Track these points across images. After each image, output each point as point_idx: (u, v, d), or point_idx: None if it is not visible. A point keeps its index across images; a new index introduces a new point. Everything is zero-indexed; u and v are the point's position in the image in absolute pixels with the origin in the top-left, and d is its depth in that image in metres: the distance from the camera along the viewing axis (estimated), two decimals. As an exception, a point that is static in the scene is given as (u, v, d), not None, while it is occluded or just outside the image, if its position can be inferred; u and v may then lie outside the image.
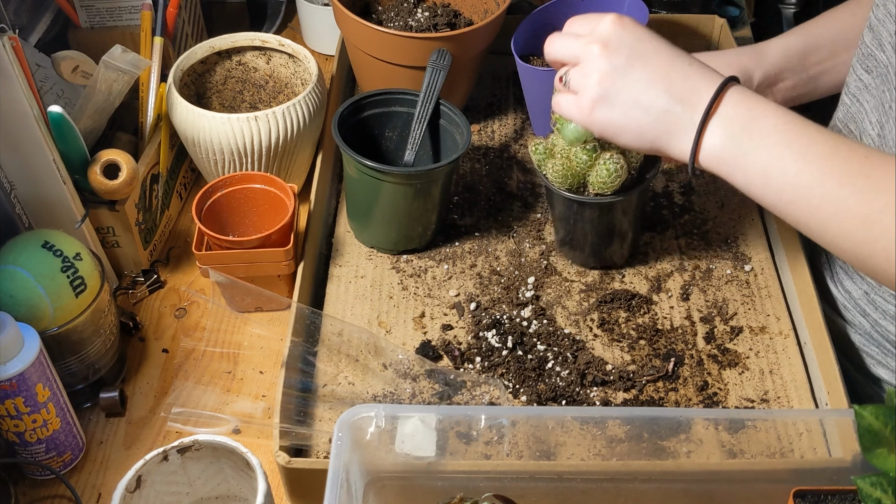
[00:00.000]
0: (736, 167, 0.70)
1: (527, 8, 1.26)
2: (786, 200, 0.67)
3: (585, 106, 0.73)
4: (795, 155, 0.66)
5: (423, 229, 0.98)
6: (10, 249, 0.80)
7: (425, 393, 0.86)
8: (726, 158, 0.70)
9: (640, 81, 0.71)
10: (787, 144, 0.67)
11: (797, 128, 0.67)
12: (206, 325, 0.96)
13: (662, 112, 0.71)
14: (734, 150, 0.69)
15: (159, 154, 1.00)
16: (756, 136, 0.68)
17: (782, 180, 0.67)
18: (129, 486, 0.68)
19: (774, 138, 0.67)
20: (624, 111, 0.72)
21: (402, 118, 1.00)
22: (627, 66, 0.71)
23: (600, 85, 0.72)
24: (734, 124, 0.69)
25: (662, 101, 0.70)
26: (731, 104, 0.69)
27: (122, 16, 1.09)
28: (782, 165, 0.67)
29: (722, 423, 0.74)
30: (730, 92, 0.69)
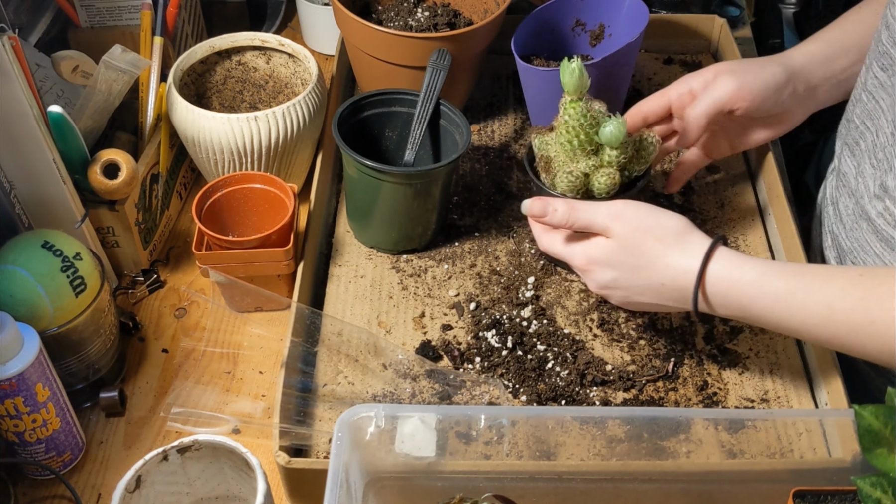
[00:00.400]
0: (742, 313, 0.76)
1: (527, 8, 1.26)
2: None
3: (620, 302, 0.83)
4: (798, 325, 0.73)
5: (423, 229, 0.98)
6: (10, 249, 0.80)
7: (425, 393, 0.86)
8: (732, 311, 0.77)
9: (646, 305, 0.81)
10: (785, 320, 0.73)
11: (788, 305, 0.72)
12: (205, 324, 0.96)
13: (677, 308, 0.79)
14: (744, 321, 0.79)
15: (159, 154, 1.00)
16: (757, 318, 0.75)
17: (800, 337, 0.79)
18: (129, 486, 0.68)
19: (770, 319, 0.74)
20: (642, 307, 0.82)
21: (402, 118, 1.00)
22: (631, 302, 0.81)
23: (623, 303, 0.82)
24: (733, 315, 0.77)
25: (671, 307, 0.79)
26: (718, 304, 0.76)
27: (122, 15, 1.09)
28: (792, 331, 0.74)
29: (722, 423, 0.74)
30: (709, 298, 0.76)
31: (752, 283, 0.73)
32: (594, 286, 0.81)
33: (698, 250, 0.76)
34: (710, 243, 0.76)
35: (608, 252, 0.79)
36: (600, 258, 0.79)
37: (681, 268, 0.76)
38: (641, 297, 0.79)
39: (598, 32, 1.11)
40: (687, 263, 0.76)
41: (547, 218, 0.81)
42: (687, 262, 0.76)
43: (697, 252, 0.76)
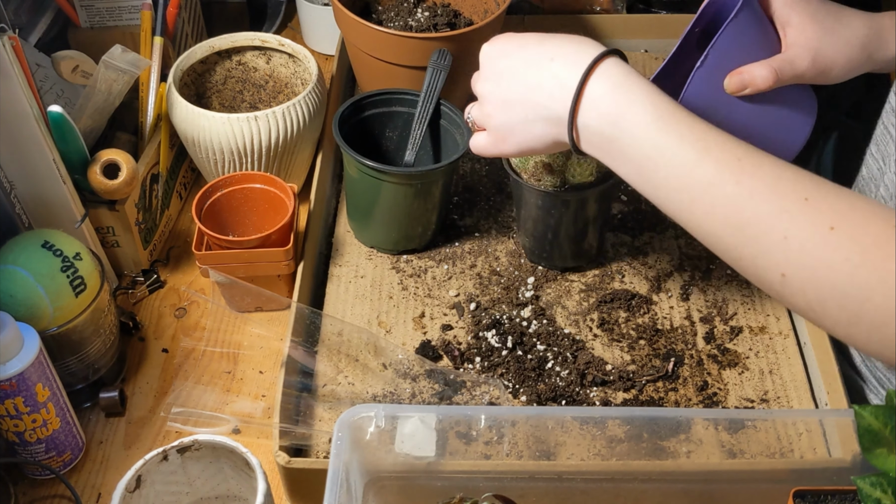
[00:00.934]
0: (615, 165, 0.67)
1: (527, 8, 1.26)
2: (662, 198, 0.65)
3: (497, 143, 0.74)
4: (664, 158, 0.63)
5: (423, 229, 0.98)
6: (10, 249, 0.80)
7: (425, 393, 0.86)
8: (605, 157, 0.67)
9: (517, 101, 0.70)
10: (653, 147, 0.63)
11: (667, 125, 0.63)
12: (205, 324, 0.96)
13: (545, 119, 0.69)
14: (608, 152, 0.67)
15: (159, 154, 1.00)
16: (625, 139, 0.65)
17: (653, 183, 0.65)
18: (129, 486, 0.68)
19: (641, 140, 0.64)
20: (524, 132, 0.71)
21: (402, 118, 1.00)
22: (504, 91, 0.71)
23: (494, 119, 0.73)
24: (600, 127, 0.66)
25: (541, 110, 0.69)
26: (594, 101, 0.66)
27: (122, 15, 1.09)
28: (652, 169, 0.64)
29: (722, 423, 0.74)
30: (593, 82, 0.66)
31: (641, 89, 0.64)
32: (486, 75, 0.73)
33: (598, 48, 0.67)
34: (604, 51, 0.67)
35: (487, 62, 0.73)
36: (483, 69, 0.73)
37: (581, 49, 0.67)
38: (523, 111, 0.70)
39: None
40: (589, 48, 0.67)
41: None
42: (589, 48, 0.67)
43: (599, 47, 0.67)
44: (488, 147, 0.75)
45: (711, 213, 0.61)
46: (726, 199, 0.60)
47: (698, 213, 0.62)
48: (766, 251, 0.59)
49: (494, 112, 0.72)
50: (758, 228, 0.59)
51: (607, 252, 1.00)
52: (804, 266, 0.57)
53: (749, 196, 0.59)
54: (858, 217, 0.56)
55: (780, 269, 0.58)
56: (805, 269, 0.57)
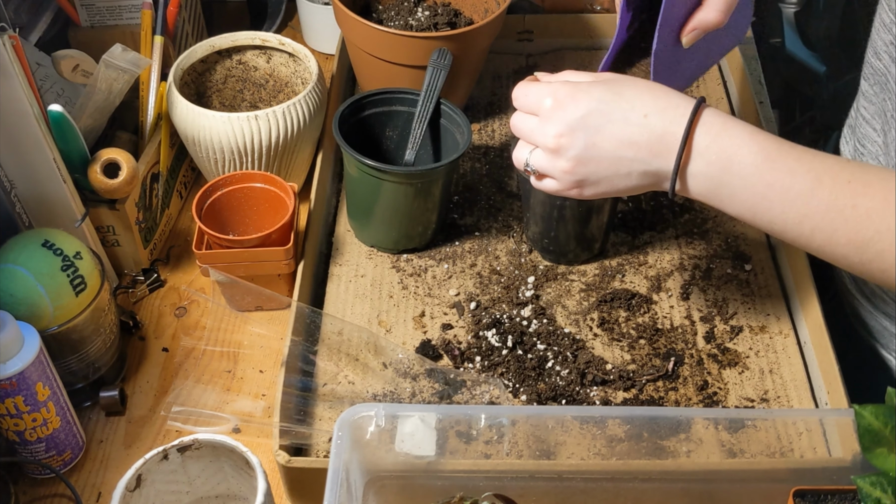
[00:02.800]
0: (723, 206, 0.68)
1: (527, 7, 1.26)
2: (778, 231, 0.67)
3: (571, 191, 0.72)
4: (778, 195, 0.65)
5: (424, 229, 0.98)
6: (10, 248, 0.80)
7: (425, 392, 0.86)
8: (712, 200, 0.68)
9: (607, 158, 0.69)
10: (767, 185, 0.65)
11: (776, 163, 0.65)
12: (206, 324, 0.96)
13: (643, 174, 0.69)
14: (716, 196, 0.68)
15: (159, 153, 1.00)
16: (735, 182, 0.66)
17: (769, 217, 0.66)
18: (129, 485, 0.68)
19: (753, 181, 0.65)
20: (610, 184, 0.71)
21: (402, 117, 1.00)
22: (588, 150, 0.69)
23: (573, 174, 0.71)
24: (709, 174, 0.67)
25: (638, 165, 0.69)
26: (702, 150, 0.67)
27: (123, 14, 1.09)
28: (766, 206, 0.66)
29: (722, 423, 0.74)
30: (699, 133, 0.66)
31: (742, 132, 0.66)
32: (557, 128, 0.69)
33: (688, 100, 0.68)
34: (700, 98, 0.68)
35: (567, 116, 0.69)
36: (580, 86, 0.69)
37: (671, 101, 0.67)
38: (616, 164, 0.69)
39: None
40: (678, 100, 0.67)
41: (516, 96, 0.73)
42: (678, 100, 0.67)
43: (687, 99, 0.68)
44: (560, 193, 0.73)
45: (833, 238, 0.64)
46: (846, 222, 0.63)
47: (820, 240, 0.65)
48: (893, 264, 0.62)
49: (574, 168, 0.70)
50: (881, 244, 0.62)
51: (608, 251, 1.00)
52: None
53: (867, 216, 0.62)
54: None
55: None
56: None
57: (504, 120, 1.16)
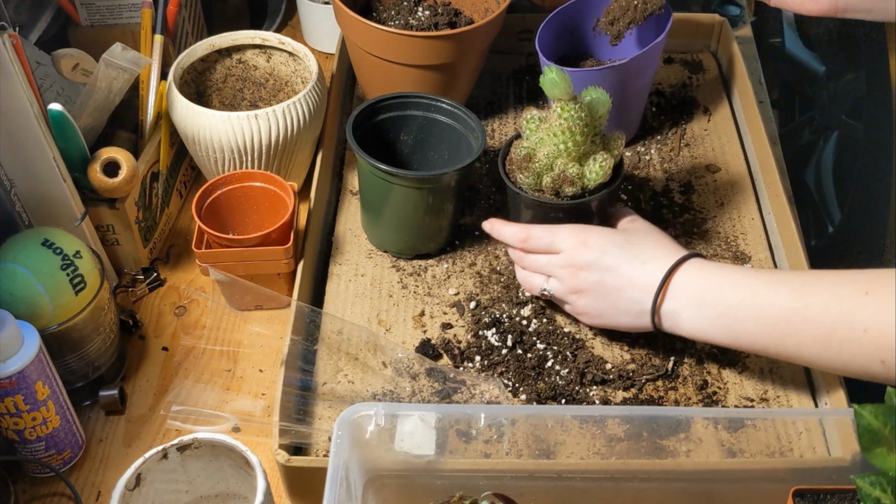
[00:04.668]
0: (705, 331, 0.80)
1: (527, 7, 1.26)
2: (750, 351, 0.80)
3: (580, 317, 0.88)
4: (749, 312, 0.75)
5: (437, 234, 0.97)
6: (10, 247, 0.80)
7: (425, 391, 0.86)
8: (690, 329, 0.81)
9: (610, 308, 0.84)
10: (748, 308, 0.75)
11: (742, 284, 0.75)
12: (205, 323, 0.96)
13: (637, 313, 0.82)
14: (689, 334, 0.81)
15: (159, 152, 1.00)
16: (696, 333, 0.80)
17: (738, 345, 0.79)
18: (129, 484, 0.68)
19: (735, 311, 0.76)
20: (613, 320, 0.85)
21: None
22: (598, 301, 0.84)
23: (586, 313, 0.86)
24: (673, 323, 0.81)
25: (635, 305, 0.82)
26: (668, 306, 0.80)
27: (123, 14, 1.09)
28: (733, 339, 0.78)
29: (721, 423, 0.74)
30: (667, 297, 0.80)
31: (719, 274, 0.79)
32: (579, 261, 0.84)
33: (672, 254, 0.81)
34: (685, 254, 0.81)
35: (585, 273, 0.84)
36: (600, 237, 0.84)
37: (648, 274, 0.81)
38: (619, 312, 0.84)
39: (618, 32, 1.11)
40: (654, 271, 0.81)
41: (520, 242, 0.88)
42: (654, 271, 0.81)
43: (671, 254, 0.81)
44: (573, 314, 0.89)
45: (801, 340, 0.72)
46: (804, 321, 0.71)
47: (791, 346, 0.73)
48: (857, 349, 0.68)
49: (585, 309, 0.85)
50: (840, 334, 0.69)
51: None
52: (892, 346, 0.65)
53: (822, 311, 0.70)
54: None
55: (877, 358, 0.67)
56: (894, 347, 0.66)
57: (504, 119, 1.16)
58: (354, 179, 1.08)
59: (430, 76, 1.05)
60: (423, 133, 1.00)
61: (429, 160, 1.01)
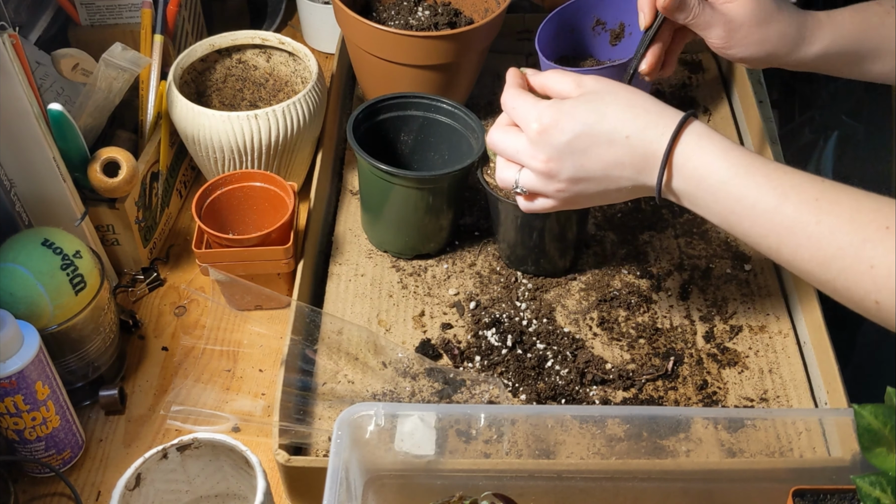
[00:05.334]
0: (702, 213, 0.71)
1: (527, 7, 1.26)
2: (752, 243, 0.69)
3: (567, 206, 0.75)
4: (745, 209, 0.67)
5: (437, 234, 0.98)
6: (10, 247, 0.80)
7: (425, 391, 0.86)
8: (692, 207, 0.71)
9: (597, 178, 0.72)
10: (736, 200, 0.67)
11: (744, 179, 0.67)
12: (205, 323, 0.96)
13: (633, 189, 0.72)
14: (695, 207, 0.70)
15: (159, 152, 1.00)
16: (708, 197, 0.69)
17: (740, 231, 0.68)
18: (129, 484, 0.68)
19: (722, 196, 0.68)
20: (604, 198, 0.74)
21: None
22: (577, 171, 0.72)
23: (566, 192, 0.73)
24: (687, 189, 0.69)
25: (626, 182, 0.71)
26: (679, 168, 0.69)
27: (123, 13, 1.09)
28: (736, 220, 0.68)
29: (721, 423, 0.74)
30: (677, 153, 0.69)
31: (716, 148, 0.68)
32: (546, 153, 0.71)
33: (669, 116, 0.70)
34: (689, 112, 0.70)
35: (573, 102, 0.71)
36: (564, 108, 0.71)
37: (651, 120, 0.69)
38: (605, 182, 0.71)
39: (619, 31, 1.11)
40: (658, 118, 0.69)
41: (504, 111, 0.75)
42: (658, 117, 0.69)
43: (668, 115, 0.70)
44: (556, 209, 0.76)
45: (798, 253, 0.64)
46: (809, 238, 0.63)
47: (786, 254, 0.66)
48: (855, 282, 0.62)
49: (567, 187, 0.73)
50: (843, 262, 0.62)
51: (607, 251, 1.00)
52: (894, 290, 0.60)
53: (830, 233, 0.62)
54: None
55: (873, 297, 0.61)
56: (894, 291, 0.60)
57: (504, 119, 1.16)
58: (354, 179, 1.09)
59: (430, 76, 1.05)
60: (424, 133, 1.00)
61: (429, 160, 1.01)
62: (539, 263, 0.96)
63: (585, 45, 1.12)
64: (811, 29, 0.85)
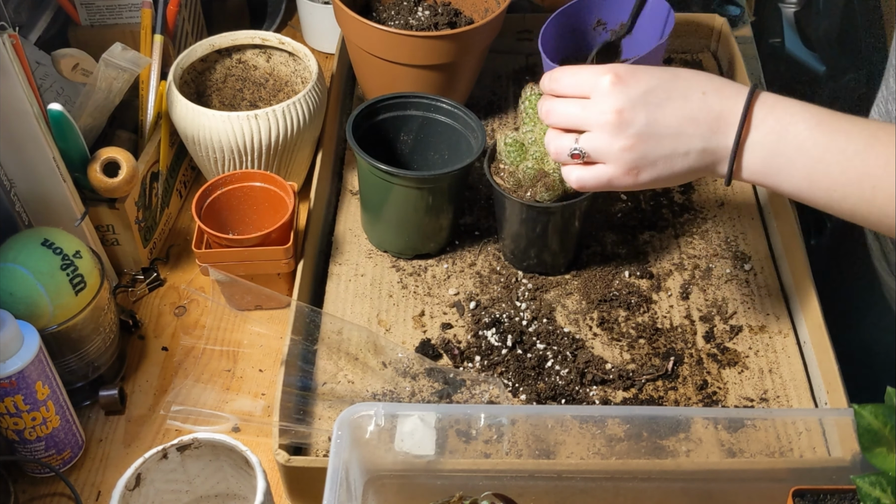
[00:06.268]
0: (780, 180, 0.69)
1: (527, 7, 1.26)
2: (838, 198, 0.67)
3: (627, 175, 0.71)
4: (834, 156, 0.66)
5: (437, 233, 0.98)
6: (10, 247, 0.80)
7: (425, 391, 0.86)
8: (769, 174, 0.69)
9: (669, 135, 0.69)
10: (824, 148, 0.66)
11: (830, 126, 0.66)
12: (205, 323, 0.96)
13: (702, 151, 0.70)
14: (773, 168, 0.68)
15: (159, 152, 1.00)
16: (792, 150, 0.67)
17: (827, 183, 0.66)
18: (129, 484, 0.68)
19: (809, 145, 0.66)
20: (667, 165, 0.70)
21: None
22: (650, 126, 0.69)
23: (632, 152, 0.70)
24: (766, 144, 0.68)
25: (697, 142, 0.69)
26: (759, 122, 0.68)
27: (123, 13, 1.09)
28: (824, 170, 0.66)
29: (721, 423, 0.74)
30: (756, 107, 0.68)
31: (796, 103, 0.68)
32: (619, 103, 0.69)
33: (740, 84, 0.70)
34: None
35: (630, 92, 0.69)
36: (620, 102, 0.69)
37: (724, 92, 0.69)
38: (675, 142, 0.69)
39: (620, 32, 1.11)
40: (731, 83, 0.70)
41: (549, 85, 0.74)
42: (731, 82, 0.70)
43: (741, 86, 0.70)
44: (611, 181, 0.72)
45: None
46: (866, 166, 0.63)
47: (881, 199, 0.65)
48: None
49: (635, 145, 0.69)
50: None
51: (607, 251, 1.00)
52: None
53: None
54: None
55: None
56: None
57: (503, 119, 1.16)
58: (354, 179, 1.09)
59: (430, 76, 1.05)
60: (423, 133, 1.00)
61: (428, 160, 1.01)
62: (542, 259, 0.96)
63: (587, 46, 1.12)
64: None
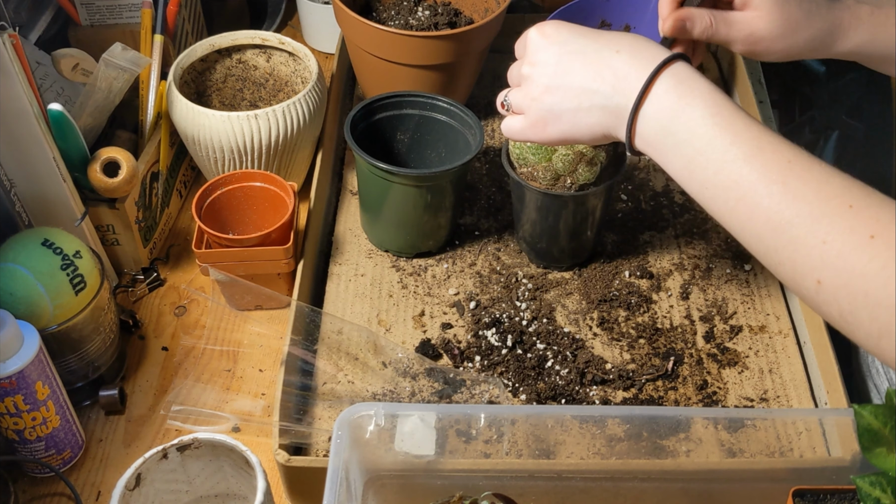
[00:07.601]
0: (666, 160, 0.68)
1: (527, 7, 1.26)
2: (708, 197, 0.66)
3: (535, 126, 0.73)
4: (716, 154, 0.64)
5: (436, 232, 0.98)
6: (10, 247, 0.80)
7: (425, 391, 0.86)
8: (657, 151, 0.68)
9: (574, 88, 0.70)
10: (708, 142, 0.65)
11: (723, 122, 0.65)
12: (205, 323, 0.96)
13: (602, 108, 0.69)
14: (662, 146, 0.68)
15: (159, 152, 1.00)
16: (680, 132, 0.66)
17: (701, 178, 0.65)
18: (129, 484, 0.68)
19: (697, 133, 0.65)
20: (572, 120, 0.71)
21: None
22: (557, 77, 0.71)
23: (539, 103, 0.72)
24: (661, 119, 0.67)
25: (599, 99, 0.69)
26: (660, 94, 0.67)
27: (123, 14, 1.09)
28: (702, 163, 0.65)
29: (721, 423, 0.74)
30: (661, 78, 0.67)
31: (704, 88, 0.66)
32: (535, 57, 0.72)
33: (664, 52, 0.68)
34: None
35: (547, 45, 0.72)
36: (537, 53, 0.72)
37: (636, 56, 0.68)
38: (579, 97, 0.70)
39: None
40: (654, 50, 0.68)
41: None
42: (655, 49, 0.68)
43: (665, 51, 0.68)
44: (524, 131, 0.74)
45: (755, 213, 0.62)
46: (770, 198, 0.61)
47: (741, 212, 0.63)
48: (804, 255, 0.59)
49: (542, 96, 0.71)
50: (798, 231, 0.59)
51: (607, 251, 1.00)
52: (840, 272, 0.57)
53: (793, 198, 0.60)
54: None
55: (816, 275, 0.59)
56: (840, 275, 0.57)
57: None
58: (354, 179, 1.09)
59: (430, 76, 1.05)
60: (420, 131, 1.00)
61: (426, 158, 1.01)
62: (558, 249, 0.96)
63: None
64: (846, 27, 0.82)
